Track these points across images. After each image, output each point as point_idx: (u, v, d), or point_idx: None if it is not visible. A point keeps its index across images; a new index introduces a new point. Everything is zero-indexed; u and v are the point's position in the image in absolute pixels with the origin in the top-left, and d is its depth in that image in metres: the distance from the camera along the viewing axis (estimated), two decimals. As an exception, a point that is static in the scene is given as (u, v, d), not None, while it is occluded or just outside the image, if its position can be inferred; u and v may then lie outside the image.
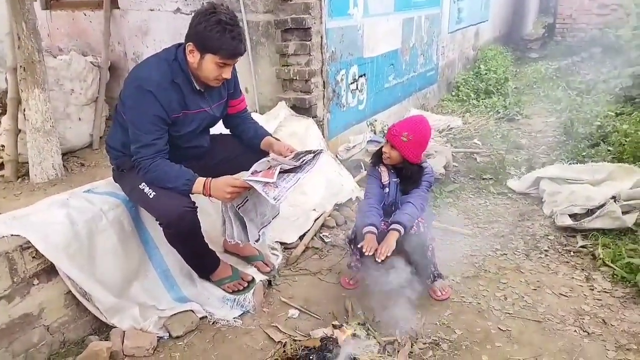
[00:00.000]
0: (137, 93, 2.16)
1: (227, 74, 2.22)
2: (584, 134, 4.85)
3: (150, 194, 2.23)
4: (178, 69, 2.22)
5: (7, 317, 1.99)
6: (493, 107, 6.18)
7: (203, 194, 2.21)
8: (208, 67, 2.17)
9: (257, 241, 2.56)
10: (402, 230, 2.37)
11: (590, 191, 3.43)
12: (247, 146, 2.59)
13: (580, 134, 4.87)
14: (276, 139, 2.56)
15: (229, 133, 2.71)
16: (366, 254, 2.30)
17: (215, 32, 2.09)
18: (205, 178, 2.22)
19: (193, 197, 2.28)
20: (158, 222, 2.28)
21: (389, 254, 2.29)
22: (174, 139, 2.30)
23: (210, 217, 2.75)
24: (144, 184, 2.25)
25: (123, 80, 2.30)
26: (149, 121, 2.16)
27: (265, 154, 2.46)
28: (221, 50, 2.12)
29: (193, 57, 2.18)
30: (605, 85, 6.82)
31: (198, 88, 2.28)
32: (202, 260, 2.53)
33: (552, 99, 6.77)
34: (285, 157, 2.34)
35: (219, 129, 2.68)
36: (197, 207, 2.29)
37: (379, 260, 2.27)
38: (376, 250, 2.29)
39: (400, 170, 2.57)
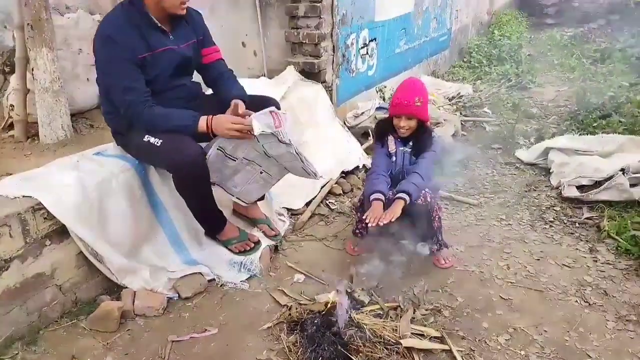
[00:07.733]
0: (99, 43, 2.20)
1: None
2: (596, 104, 4.76)
3: (157, 143, 2.25)
4: (134, 10, 2.23)
5: (21, 276, 2.05)
6: (505, 75, 6.08)
7: (206, 130, 2.24)
8: None
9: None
10: (408, 199, 2.39)
11: (599, 163, 3.41)
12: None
13: (592, 104, 4.79)
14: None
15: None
16: (370, 225, 2.32)
17: None
18: (207, 115, 2.26)
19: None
20: (168, 169, 2.29)
21: (392, 220, 2.31)
22: (148, 83, 2.29)
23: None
24: (147, 135, 2.26)
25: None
26: (118, 65, 2.18)
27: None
28: None
29: None
30: (620, 54, 6.66)
31: (159, 25, 2.28)
32: (210, 216, 2.54)
33: (566, 67, 6.65)
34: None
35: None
36: (206, 153, 2.31)
37: (381, 224, 2.29)
38: (379, 219, 2.31)
39: (410, 138, 2.58)
